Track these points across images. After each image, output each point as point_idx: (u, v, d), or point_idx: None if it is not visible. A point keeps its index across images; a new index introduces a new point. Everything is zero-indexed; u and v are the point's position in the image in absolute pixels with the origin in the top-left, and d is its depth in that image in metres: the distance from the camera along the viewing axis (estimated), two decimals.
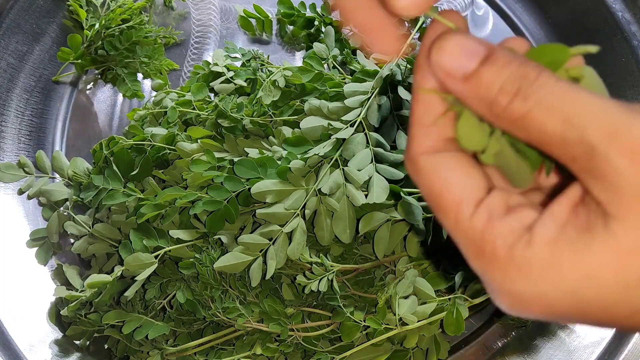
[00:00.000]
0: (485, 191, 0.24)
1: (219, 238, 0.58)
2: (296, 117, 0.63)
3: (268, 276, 0.55)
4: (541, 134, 0.22)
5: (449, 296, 0.58)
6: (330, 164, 0.56)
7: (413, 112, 0.26)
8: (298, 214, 0.55)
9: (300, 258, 0.56)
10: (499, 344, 0.67)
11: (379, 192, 0.54)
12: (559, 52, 0.24)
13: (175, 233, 0.59)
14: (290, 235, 0.55)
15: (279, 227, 0.55)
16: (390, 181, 0.55)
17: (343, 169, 0.55)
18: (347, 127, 0.58)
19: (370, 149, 0.57)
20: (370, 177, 0.55)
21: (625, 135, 0.20)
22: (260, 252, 0.56)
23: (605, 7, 0.73)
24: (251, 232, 0.58)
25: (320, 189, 0.55)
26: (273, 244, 0.55)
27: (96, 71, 0.77)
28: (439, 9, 0.30)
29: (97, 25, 0.73)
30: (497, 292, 0.24)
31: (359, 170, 0.55)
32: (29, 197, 0.71)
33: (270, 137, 0.63)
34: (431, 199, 0.25)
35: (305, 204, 0.55)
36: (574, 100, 0.21)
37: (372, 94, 0.60)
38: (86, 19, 0.74)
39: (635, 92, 0.71)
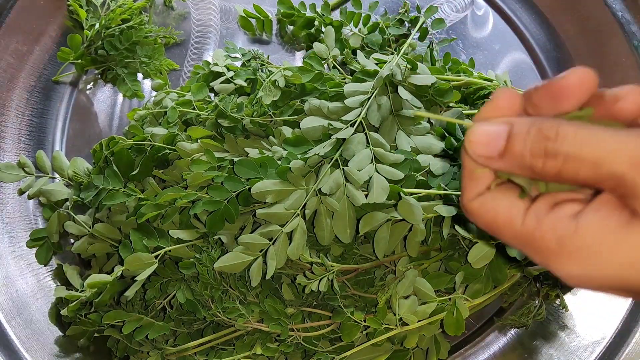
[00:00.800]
0: (529, 203, 0.29)
1: (219, 238, 0.58)
2: (296, 117, 0.63)
3: (268, 276, 0.55)
4: (578, 180, 0.26)
5: (449, 296, 0.58)
6: (331, 164, 0.56)
7: (464, 169, 0.31)
8: (298, 214, 0.55)
9: (300, 258, 0.56)
10: (499, 344, 0.68)
11: (379, 192, 0.54)
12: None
13: (175, 233, 0.59)
14: (290, 235, 0.55)
15: (279, 227, 0.55)
16: (390, 181, 0.55)
17: (343, 169, 0.55)
18: (347, 127, 0.58)
19: (370, 149, 0.57)
20: (371, 177, 0.55)
21: None
22: (260, 252, 0.56)
23: (606, 8, 0.73)
24: (251, 232, 0.58)
25: (320, 189, 0.55)
26: (273, 244, 0.55)
27: (96, 71, 0.78)
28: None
29: (97, 25, 0.73)
30: (560, 276, 0.28)
31: (359, 170, 0.55)
32: (29, 197, 0.71)
33: (271, 137, 0.63)
34: (490, 228, 0.30)
35: (305, 204, 0.55)
36: (595, 144, 0.25)
37: (372, 94, 0.60)
38: (86, 19, 0.74)
39: None
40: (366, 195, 0.54)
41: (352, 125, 0.58)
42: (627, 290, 0.27)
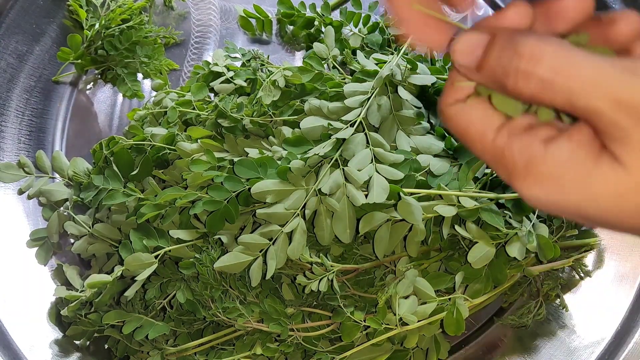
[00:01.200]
0: (502, 120, 0.28)
1: (219, 238, 0.58)
2: (296, 117, 0.63)
3: (268, 276, 0.55)
4: (554, 105, 0.26)
5: (449, 296, 0.58)
6: (330, 164, 0.56)
7: (450, 75, 0.30)
8: (298, 214, 0.55)
9: (300, 258, 0.56)
10: (499, 344, 0.68)
11: (379, 192, 0.54)
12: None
13: (175, 233, 0.59)
14: (290, 235, 0.55)
15: (279, 227, 0.55)
16: (390, 181, 0.55)
17: (343, 169, 0.55)
18: (347, 127, 0.58)
19: (370, 149, 0.57)
20: (371, 177, 0.55)
21: (628, 101, 0.24)
22: (260, 252, 0.56)
23: (605, 7, 0.73)
24: (251, 232, 0.58)
25: (320, 189, 0.55)
26: (273, 244, 0.55)
27: (96, 71, 0.77)
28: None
29: (97, 25, 0.73)
30: (522, 196, 0.28)
31: (359, 170, 0.55)
32: (29, 197, 0.71)
33: (270, 137, 0.63)
34: (461, 136, 0.30)
35: (305, 204, 0.55)
36: (572, 72, 0.24)
37: (372, 94, 0.60)
38: (86, 19, 0.74)
39: None
40: (366, 195, 0.54)
41: (352, 125, 0.58)
42: (584, 218, 0.27)
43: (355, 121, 0.58)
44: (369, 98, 0.59)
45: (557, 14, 0.28)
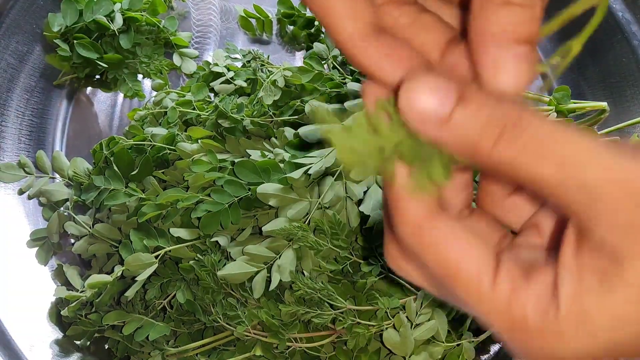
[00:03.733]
0: (495, 258, 0.23)
1: (216, 241, 0.58)
2: (297, 117, 0.63)
3: (272, 288, 0.55)
4: (533, 178, 0.21)
5: (458, 342, 0.57)
6: (335, 177, 0.56)
7: (391, 189, 0.24)
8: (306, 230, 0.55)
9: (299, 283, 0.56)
10: (499, 345, 0.68)
11: (374, 205, 0.54)
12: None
13: (176, 232, 0.59)
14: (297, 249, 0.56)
15: (287, 241, 0.55)
16: None
17: (345, 183, 0.55)
18: None
19: None
20: (369, 188, 0.55)
21: (630, 181, 0.20)
22: (264, 264, 0.56)
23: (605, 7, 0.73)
24: (251, 234, 0.58)
25: (323, 202, 0.55)
26: (279, 257, 0.55)
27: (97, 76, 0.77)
28: None
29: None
30: (535, 357, 0.23)
31: (360, 181, 0.55)
32: (29, 197, 0.71)
33: (272, 139, 0.63)
34: (444, 272, 0.24)
35: (308, 215, 0.55)
36: (565, 143, 0.20)
37: None
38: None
39: (635, 91, 0.71)
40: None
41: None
42: (620, 354, 0.22)
43: None
44: None
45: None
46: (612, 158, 0.20)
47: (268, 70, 0.71)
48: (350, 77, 0.67)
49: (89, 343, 0.65)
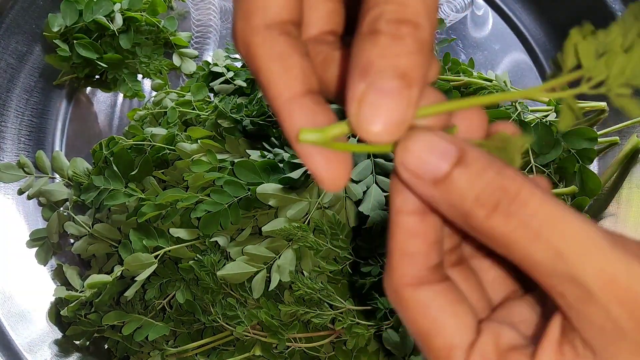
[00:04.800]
0: (474, 331, 0.22)
1: (216, 241, 0.58)
2: None
3: (271, 288, 0.55)
4: (525, 260, 0.20)
5: None
6: None
7: (393, 238, 0.23)
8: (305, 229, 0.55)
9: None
10: None
11: (373, 205, 0.54)
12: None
13: (176, 232, 0.59)
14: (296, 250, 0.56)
15: (286, 242, 0.55)
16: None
17: None
18: (349, 135, 0.58)
19: (371, 159, 0.57)
20: (368, 188, 0.55)
21: (624, 286, 0.19)
22: (264, 264, 0.56)
23: (605, 7, 0.73)
24: (251, 234, 0.58)
25: (322, 202, 0.55)
26: (279, 257, 0.55)
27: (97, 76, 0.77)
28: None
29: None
30: None
31: (359, 181, 0.55)
32: (29, 197, 0.71)
33: (272, 139, 0.63)
34: (418, 337, 0.23)
35: (308, 215, 0.55)
36: (564, 231, 0.19)
37: None
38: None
39: (635, 92, 0.71)
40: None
41: (353, 136, 0.58)
42: None
43: None
44: None
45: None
46: (612, 258, 0.19)
47: None
48: None
49: (88, 343, 0.65)
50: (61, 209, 0.68)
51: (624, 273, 0.19)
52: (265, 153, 0.60)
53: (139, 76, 0.77)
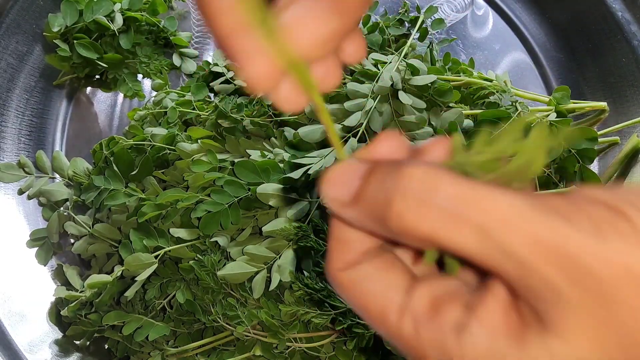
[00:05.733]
0: (406, 291, 0.22)
1: (216, 241, 0.58)
2: (296, 117, 0.63)
3: (271, 288, 0.55)
4: (455, 247, 0.19)
5: None
6: None
7: (331, 226, 0.24)
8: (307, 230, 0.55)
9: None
10: None
11: None
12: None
13: (176, 232, 0.59)
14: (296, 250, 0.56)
15: (286, 242, 0.55)
16: None
17: None
18: (350, 136, 0.58)
19: None
20: None
21: (550, 244, 0.18)
22: (265, 264, 0.56)
23: (605, 7, 0.73)
24: (251, 234, 0.58)
25: (323, 202, 0.55)
26: (279, 257, 0.55)
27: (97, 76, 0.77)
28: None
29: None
30: None
31: None
32: (29, 197, 0.71)
33: (272, 139, 0.63)
34: (362, 314, 0.24)
35: (308, 214, 0.55)
36: (483, 205, 0.19)
37: (375, 102, 0.60)
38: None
39: (635, 91, 0.71)
40: None
41: (354, 135, 0.58)
42: None
43: (358, 130, 0.58)
44: (369, 110, 0.59)
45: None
46: (531, 217, 0.18)
47: None
48: (350, 77, 0.67)
49: (88, 343, 0.65)
50: (61, 209, 0.68)
51: (546, 230, 0.18)
52: (265, 153, 0.60)
53: (139, 76, 0.77)
